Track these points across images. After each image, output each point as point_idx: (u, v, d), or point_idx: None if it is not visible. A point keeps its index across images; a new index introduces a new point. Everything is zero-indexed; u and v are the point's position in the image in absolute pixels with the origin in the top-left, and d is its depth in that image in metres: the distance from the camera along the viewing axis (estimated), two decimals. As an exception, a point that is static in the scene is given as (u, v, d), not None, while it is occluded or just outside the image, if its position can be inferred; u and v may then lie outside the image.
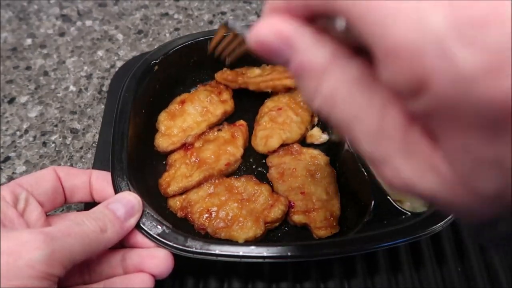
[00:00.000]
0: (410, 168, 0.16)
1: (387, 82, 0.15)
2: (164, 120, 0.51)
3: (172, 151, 0.49)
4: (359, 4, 0.14)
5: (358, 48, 0.17)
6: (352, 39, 0.16)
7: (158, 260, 0.37)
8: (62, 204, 0.40)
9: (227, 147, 0.49)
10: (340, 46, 0.17)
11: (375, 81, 0.16)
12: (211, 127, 0.51)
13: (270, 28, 0.18)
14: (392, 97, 0.16)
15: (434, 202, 0.17)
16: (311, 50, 0.17)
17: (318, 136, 0.51)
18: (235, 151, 0.49)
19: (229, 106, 0.53)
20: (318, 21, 0.17)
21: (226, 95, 0.53)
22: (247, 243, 0.41)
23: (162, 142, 0.49)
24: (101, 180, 0.41)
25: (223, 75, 0.54)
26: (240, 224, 0.43)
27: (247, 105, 0.54)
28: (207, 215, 0.44)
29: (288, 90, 0.53)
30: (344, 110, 0.17)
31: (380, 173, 0.17)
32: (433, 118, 0.14)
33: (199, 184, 0.46)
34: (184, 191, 0.46)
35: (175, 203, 0.46)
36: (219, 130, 0.50)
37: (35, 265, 0.28)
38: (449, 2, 0.12)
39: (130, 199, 0.38)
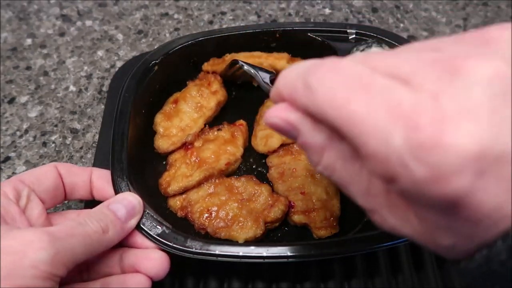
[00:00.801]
0: (393, 218, 0.22)
1: (368, 170, 0.21)
2: (161, 122, 0.51)
3: (172, 151, 0.49)
4: (346, 123, 0.19)
5: None
6: None
7: (154, 262, 0.37)
8: (62, 201, 0.40)
9: (227, 147, 0.49)
10: (335, 133, 0.22)
11: (357, 161, 0.22)
12: (209, 122, 0.51)
13: (280, 116, 0.24)
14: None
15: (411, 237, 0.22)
16: (311, 134, 0.23)
17: (318, 136, 0.51)
18: (235, 150, 0.49)
19: (221, 95, 0.52)
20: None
21: (216, 85, 0.53)
22: (247, 243, 0.41)
23: (163, 144, 0.49)
24: (102, 179, 0.41)
25: (209, 62, 0.54)
26: (240, 224, 0.43)
27: (247, 105, 0.54)
28: (207, 215, 0.44)
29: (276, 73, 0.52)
30: (340, 176, 0.23)
31: (372, 217, 0.23)
32: (402, 198, 0.20)
33: (199, 184, 0.46)
34: (184, 191, 0.46)
35: (175, 203, 0.46)
36: (219, 129, 0.50)
37: (39, 265, 0.28)
38: (405, 126, 0.17)
39: (131, 200, 0.38)
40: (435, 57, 0.19)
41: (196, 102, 0.52)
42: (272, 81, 0.45)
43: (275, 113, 0.24)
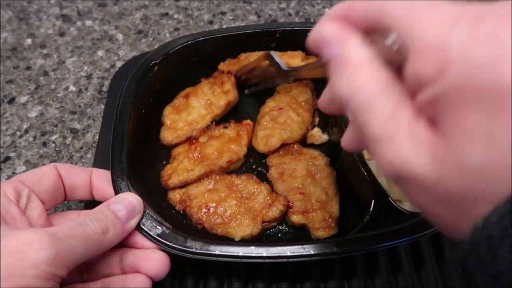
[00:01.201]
0: (411, 147, 0.19)
1: (414, 72, 0.19)
2: (169, 114, 0.51)
3: (176, 144, 0.50)
4: (405, 21, 0.20)
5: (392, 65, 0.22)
6: (393, 55, 0.22)
7: (154, 262, 0.37)
8: (62, 201, 0.40)
9: (231, 145, 0.49)
10: (379, 55, 0.22)
11: (397, 84, 0.21)
12: (216, 120, 0.52)
13: (334, 26, 0.23)
14: (407, 97, 0.20)
15: (418, 185, 0.20)
16: (356, 48, 0.22)
17: (319, 136, 0.51)
18: (239, 149, 0.49)
19: (232, 96, 0.53)
20: (370, 35, 0.23)
21: (228, 85, 0.53)
22: (247, 243, 0.41)
23: (168, 136, 0.50)
24: (102, 179, 0.41)
25: (225, 62, 0.54)
26: (238, 221, 0.43)
27: (248, 105, 0.54)
28: (205, 210, 0.44)
29: (284, 87, 0.53)
30: (367, 95, 0.21)
31: (383, 153, 0.20)
32: (441, 102, 0.18)
33: (199, 179, 0.46)
34: (185, 185, 0.46)
35: (174, 196, 0.46)
36: (225, 127, 0.51)
37: (40, 265, 0.28)
38: (469, 18, 0.18)
39: (131, 200, 0.38)
40: None
41: (207, 99, 0.52)
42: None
43: (323, 26, 0.24)
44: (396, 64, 0.22)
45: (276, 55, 0.47)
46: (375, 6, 0.22)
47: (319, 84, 0.54)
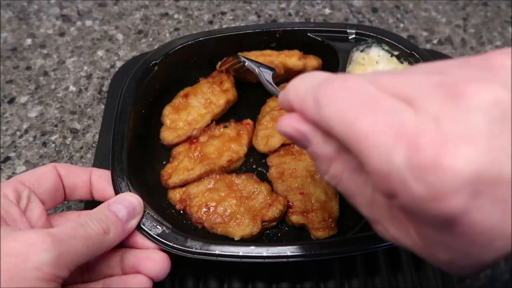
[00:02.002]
0: (394, 229, 0.23)
1: (372, 184, 0.22)
2: (168, 114, 0.51)
3: (177, 144, 0.50)
4: (350, 137, 0.21)
5: None
6: None
7: (154, 262, 0.37)
8: (62, 202, 0.40)
9: (231, 145, 0.49)
10: (344, 147, 0.23)
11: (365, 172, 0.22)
12: (216, 119, 0.52)
13: (292, 125, 0.25)
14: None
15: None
16: (321, 146, 0.24)
17: (318, 136, 0.51)
18: (239, 149, 0.49)
19: (231, 94, 0.53)
20: None
21: (227, 84, 0.53)
22: (247, 243, 0.41)
23: (168, 136, 0.50)
24: (102, 179, 0.41)
25: (223, 61, 0.54)
26: (238, 221, 0.43)
27: (249, 104, 0.54)
28: (205, 209, 0.44)
29: (287, 71, 0.53)
30: (346, 187, 0.24)
31: (375, 228, 0.24)
32: (403, 213, 0.21)
33: (199, 178, 0.46)
34: (185, 184, 0.46)
35: (174, 195, 0.46)
36: (225, 126, 0.51)
37: (42, 267, 0.28)
38: (406, 146, 0.18)
39: (132, 200, 0.38)
40: (440, 80, 0.20)
41: (206, 98, 0.52)
42: (273, 78, 0.45)
43: (288, 122, 0.25)
44: None
45: (247, 60, 0.47)
46: (322, 120, 0.22)
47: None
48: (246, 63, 0.47)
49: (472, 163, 0.17)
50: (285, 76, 0.53)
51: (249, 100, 0.55)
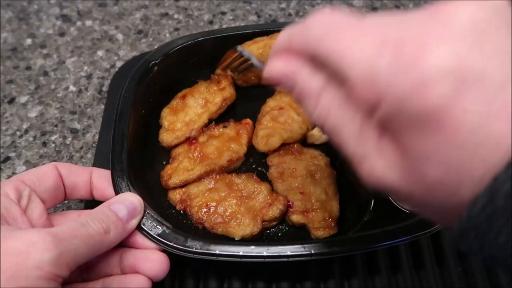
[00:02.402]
0: (381, 165, 0.21)
1: (358, 100, 0.21)
2: (166, 116, 0.51)
3: (176, 145, 0.50)
4: (336, 55, 0.21)
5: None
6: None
7: (154, 262, 0.37)
8: (62, 201, 0.40)
9: (231, 144, 0.49)
10: (331, 76, 0.23)
11: (355, 105, 0.22)
12: (214, 118, 0.52)
13: (277, 68, 0.25)
14: (367, 116, 0.22)
15: (398, 195, 0.22)
16: (308, 80, 0.24)
17: (319, 136, 0.51)
18: (239, 148, 0.49)
19: (228, 92, 0.52)
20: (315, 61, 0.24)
21: (224, 83, 0.53)
22: (247, 243, 0.41)
23: (167, 137, 0.50)
24: (102, 179, 0.41)
25: (222, 60, 0.54)
26: (238, 220, 0.43)
27: (249, 104, 0.54)
28: (205, 209, 0.44)
29: None
30: (334, 121, 0.23)
31: (359, 171, 0.23)
32: (388, 126, 0.20)
33: (199, 178, 0.46)
34: (185, 184, 0.46)
35: (175, 196, 0.46)
36: (224, 126, 0.51)
37: (43, 266, 0.28)
38: (391, 51, 0.19)
39: (132, 200, 0.38)
40: (419, 11, 0.21)
41: (203, 97, 0.53)
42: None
43: (274, 64, 0.26)
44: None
45: (244, 50, 0.46)
46: (308, 42, 0.23)
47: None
48: (243, 52, 0.46)
49: (451, 58, 0.18)
50: None
51: (249, 100, 0.55)
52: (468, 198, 0.18)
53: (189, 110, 0.52)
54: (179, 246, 0.37)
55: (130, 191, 0.40)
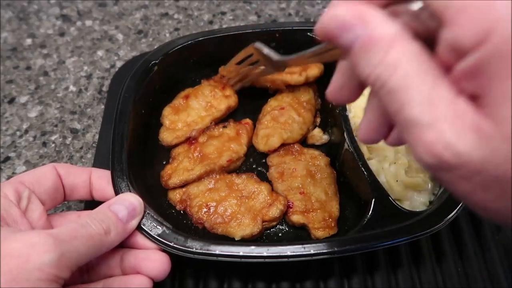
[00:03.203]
0: (454, 130, 0.18)
1: (453, 39, 0.17)
2: (168, 115, 0.51)
3: (176, 145, 0.50)
4: None
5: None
6: (419, 23, 0.20)
7: (154, 263, 0.37)
8: (62, 202, 0.40)
9: (231, 144, 0.49)
10: (406, 26, 0.20)
11: (432, 58, 0.19)
12: (215, 122, 0.52)
13: (346, 7, 0.21)
14: (444, 73, 0.19)
15: (463, 171, 0.18)
16: (381, 25, 0.20)
17: (319, 136, 0.51)
18: (239, 148, 0.49)
19: (233, 101, 0.53)
20: (390, 7, 0.20)
21: (229, 90, 0.53)
22: (247, 243, 0.41)
23: (167, 136, 0.50)
24: (102, 179, 0.41)
25: (227, 67, 0.54)
26: (238, 221, 0.43)
27: (250, 104, 0.54)
28: (205, 209, 0.44)
29: (287, 87, 0.53)
30: (404, 76, 0.19)
31: (422, 138, 0.19)
32: (484, 72, 0.17)
33: (199, 178, 0.46)
34: (185, 184, 0.46)
35: (175, 196, 0.46)
36: (224, 126, 0.51)
37: (44, 268, 0.28)
38: None
39: (132, 201, 0.38)
40: None
41: (207, 101, 0.52)
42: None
43: (335, 10, 0.21)
44: (423, 36, 0.20)
45: (263, 46, 0.44)
46: None
47: (321, 84, 0.54)
48: (262, 49, 0.43)
49: None
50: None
51: (248, 100, 0.55)
52: None
53: (192, 112, 0.52)
54: (179, 246, 0.37)
55: (130, 191, 0.40)
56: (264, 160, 0.50)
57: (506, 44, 0.16)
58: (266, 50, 0.43)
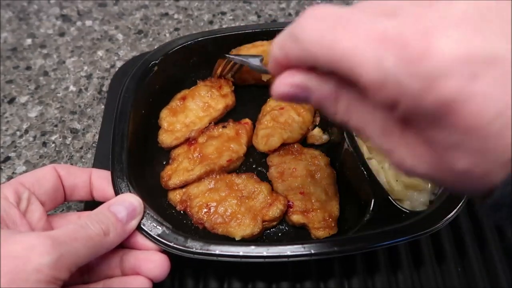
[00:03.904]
0: (409, 156, 0.21)
1: (373, 102, 0.21)
2: (166, 117, 0.51)
3: (176, 146, 0.50)
4: (336, 59, 0.20)
5: None
6: None
7: (154, 264, 0.37)
8: (62, 202, 0.40)
9: (231, 144, 0.49)
10: (341, 80, 0.22)
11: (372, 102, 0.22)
12: (214, 122, 0.52)
13: (285, 83, 0.24)
14: (388, 111, 0.21)
15: (432, 181, 0.22)
16: (320, 87, 0.23)
17: (319, 136, 0.51)
18: (238, 148, 0.49)
19: (230, 100, 0.53)
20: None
21: (226, 89, 0.53)
22: (247, 243, 0.41)
23: (166, 138, 0.50)
24: (102, 180, 0.41)
25: (217, 67, 0.54)
26: (238, 221, 0.43)
27: (250, 104, 0.54)
28: (206, 210, 0.44)
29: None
30: (357, 120, 0.23)
31: (390, 159, 0.22)
32: (411, 121, 0.20)
33: (199, 179, 0.46)
34: (185, 185, 0.46)
35: (175, 196, 0.46)
36: (224, 127, 0.51)
37: (43, 269, 0.28)
38: (393, 49, 0.18)
39: (132, 201, 0.38)
40: None
41: (204, 101, 0.52)
42: (262, 63, 0.46)
43: (280, 82, 0.24)
44: None
45: (233, 56, 0.48)
46: (305, 52, 0.22)
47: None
48: (234, 59, 0.48)
49: (460, 44, 0.17)
50: None
51: (248, 100, 0.55)
52: (498, 180, 0.18)
53: (190, 113, 0.52)
54: (179, 246, 0.37)
55: (130, 191, 0.40)
56: (264, 160, 0.50)
57: (410, 110, 0.19)
58: (238, 59, 0.47)
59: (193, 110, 0.52)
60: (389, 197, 0.40)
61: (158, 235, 0.38)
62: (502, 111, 0.17)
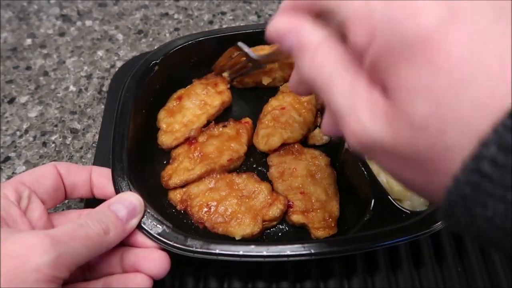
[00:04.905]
0: (369, 117, 0.20)
1: (353, 44, 0.21)
2: (164, 118, 0.51)
3: (176, 146, 0.50)
4: (336, 4, 0.21)
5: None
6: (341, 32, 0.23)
7: (154, 261, 0.37)
8: (63, 200, 0.40)
9: (231, 143, 0.49)
10: (332, 33, 0.23)
11: (353, 59, 0.22)
12: (212, 119, 0.52)
13: (280, 24, 0.25)
14: (361, 70, 0.21)
15: (380, 153, 0.21)
16: (309, 32, 0.24)
17: (320, 137, 0.51)
18: (239, 148, 0.49)
19: (226, 96, 0.53)
20: (322, 17, 0.24)
21: (222, 86, 0.53)
22: (247, 242, 0.41)
23: (166, 139, 0.50)
24: (102, 177, 0.41)
25: (216, 64, 0.54)
26: (238, 220, 0.43)
27: (251, 103, 0.55)
28: (206, 209, 0.44)
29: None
30: (328, 74, 0.23)
31: (347, 126, 0.21)
32: (380, 66, 0.19)
33: (200, 178, 0.46)
34: (185, 184, 0.46)
35: (175, 196, 0.46)
36: (224, 126, 0.51)
37: (42, 269, 0.28)
38: None
39: (132, 200, 0.38)
40: None
41: (201, 99, 0.53)
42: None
43: (277, 21, 0.25)
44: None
45: (244, 45, 0.48)
46: None
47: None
48: (244, 50, 0.48)
49: None
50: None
51: (249, 100, 0.55)
52: (455, 156, 0.17)
53: (187, 112, 0.52)
54: (179, 245, 0.37)
55: (130, 190, 0.40)
56: (264, 160, 0.50)
57: (386, 42, 0.18)
58: (246, 49, 0.48)
59: (190, 109, 0.52)
60: (389, 197, 0.40)
61: (159, 234, 0.38)
62: (469, 59, 0.16)
